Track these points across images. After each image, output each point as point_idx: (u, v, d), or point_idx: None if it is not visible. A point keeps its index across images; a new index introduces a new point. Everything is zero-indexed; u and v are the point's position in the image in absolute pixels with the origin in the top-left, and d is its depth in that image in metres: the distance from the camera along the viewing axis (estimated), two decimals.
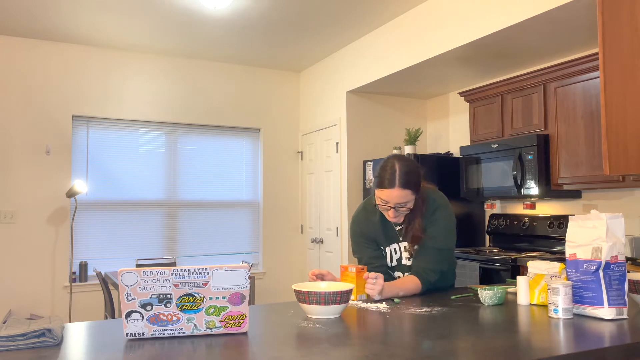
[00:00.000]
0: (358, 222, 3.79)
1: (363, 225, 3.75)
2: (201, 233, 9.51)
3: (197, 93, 9.54)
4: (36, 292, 8.38)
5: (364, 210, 3.79)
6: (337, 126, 8.98)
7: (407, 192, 3.41)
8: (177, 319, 2.36)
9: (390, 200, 3.42)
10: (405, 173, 3.40)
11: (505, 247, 7.43)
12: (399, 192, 3.39)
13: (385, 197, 3.43)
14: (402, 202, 3.43)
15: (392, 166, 3.42)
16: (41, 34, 8.27)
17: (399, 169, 3.40)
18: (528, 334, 2.45)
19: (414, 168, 3.46)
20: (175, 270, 2.33)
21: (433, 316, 2.81)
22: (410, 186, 3.42)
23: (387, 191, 3.41)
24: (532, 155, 6.46)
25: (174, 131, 9.39)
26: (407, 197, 3.43)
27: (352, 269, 3.29)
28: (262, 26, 7.94)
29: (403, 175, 3.40)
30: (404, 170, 3.40)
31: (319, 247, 9.53)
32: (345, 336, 2.41)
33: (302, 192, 10.20)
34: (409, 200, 3.45)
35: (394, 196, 3.40)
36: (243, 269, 2.39)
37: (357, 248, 3.78)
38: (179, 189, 9.37)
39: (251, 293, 7.35)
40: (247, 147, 9.99)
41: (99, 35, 8.30)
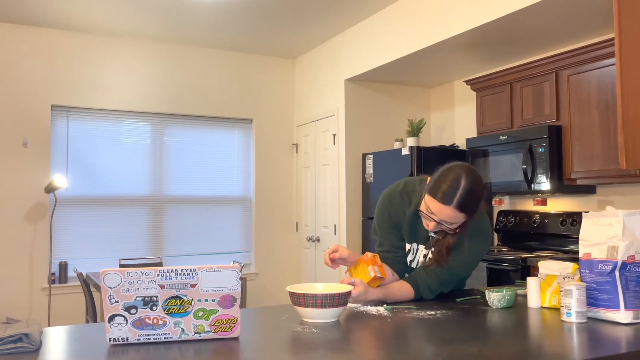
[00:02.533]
0: (391, 204, 3.61)
1: (394, 210, 3.59)
2: (189, 231, 9.51)
3: (185, 81, 9.54)
4: (12, 295, 8.37)
5: (400, 195, 3.60)
6: (335, 117, 8.98)
7: (461, 215, 3.18)
8: (164, 323, 2.35)
9: (439, 215, 3.20)
10: (467, 193, 3.14)
11: (514, 246, 7.44)
12: (452, 212, 3.16)
13: (434, 209, 3.20)
14: (450, 221, 3.22)
15: (457, 179, 3.15)
16: (17, 18, 8.26)
17: (464, 186, 3.13)
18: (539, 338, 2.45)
19: (479, 188, 3.21)
20: (162, 270, 2.33)
21: (437, 320, 2.81)
22: (468, 210, 3.18)
23: (439, 205, 3.16)
24: (544, 148, 6.47)
25: (160, 122, 9.39)
26: (458, 219, 3.21)
27: (369, 254, 3.31)
28: (255, 9, 7.92)
29: (465, 195, 3.14)
30: (468, 189, 3.14)
31: (315, 247, 9.54)
32: (343, 341, 2.41)
33: (297, 188, 10.21)
34: (459, 222, 3.25)
35: (445, 214, 3.17)
36: (234, 270, 2.38)
37: (381, 231, 3.63)
38: (165, 184, 9.37)
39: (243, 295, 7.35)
40: (239, 139, 9.99)
41: (80, 19, 8.28)
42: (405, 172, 7.53)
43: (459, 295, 3.53)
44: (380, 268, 3.28)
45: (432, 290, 3.42)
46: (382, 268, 3.30)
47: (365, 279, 3.23)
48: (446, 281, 3.45)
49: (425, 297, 3.41)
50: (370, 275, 3.22)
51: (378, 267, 3.27)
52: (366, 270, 3.26)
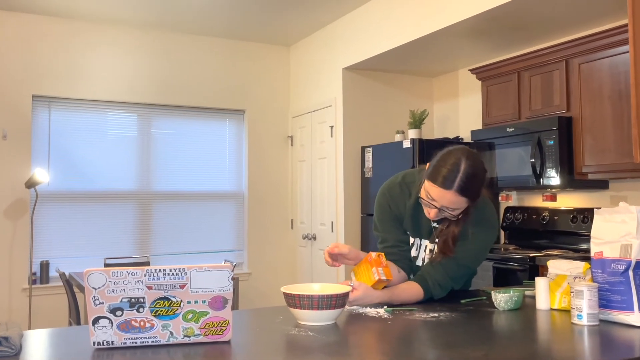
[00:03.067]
0: (391, 197, 3.60)
1: (394, 203, 3.58)
2: (178, 228, 9.51)
3: (174, 70, 9.52)
4: None
5: (400, 187, 3.60)
6: (332, 107, 8.98)
7: (462, 199, 3.17)
8: (151, 325, 2.35)
9: (440, 201, 3.20)
10: (469, 176, 3.13)
11: (522, 245, 7.45)
12: (454, 197, 3.16)
13: (435, 195, 3.20)
14: (452, 207, 3.21)
15: (456, 163, 3.14)
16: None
17: (464, 169, 3.12)
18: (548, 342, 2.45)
19: (480, 171, 3.20)
20: (149, 270, 2.33)
21: (441, 322, 2.82)
22: (469, 194, 3.17)
23: (439, 190, 3.16)
24: (553, 141, 6.47)
25: (147, 113, 9.38)
26: (460, 204, 3.21)
27: (374, 254, 3.28)
28: None
29: (466, 178, 3.13)
30: (469, 173, 3.13)
31: (311, 245, 9.55)
32: (341, 345, 2.41)
33: (293, 182, 10.22)
34: (461, 208, 3.24)
35: (446, 199, 3.17)
36: (225, 269, 2.38)
37: (383, 226, 3.62)
38: (153, 178, 9.37)
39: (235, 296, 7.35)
40: (230, 131, 9.99)
41: (63, 3, 8.26)
42: (406, 165, 7.53)
43: (463, 296, 3.52)
44: (385, 269, 3.24)
45: (443, 286, 3.40)
46: (388, 269, 3.27)
47: (369, 281, 3.21)
48: (456, 276, 3.44)
49: (435, 296, 3.39)
50: (374, 278, 3.19)
51: (383, 269, 3.23)
52: (369, 272, 3.24)
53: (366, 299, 3.15)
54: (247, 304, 9.71)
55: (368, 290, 3.16)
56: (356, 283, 3.13)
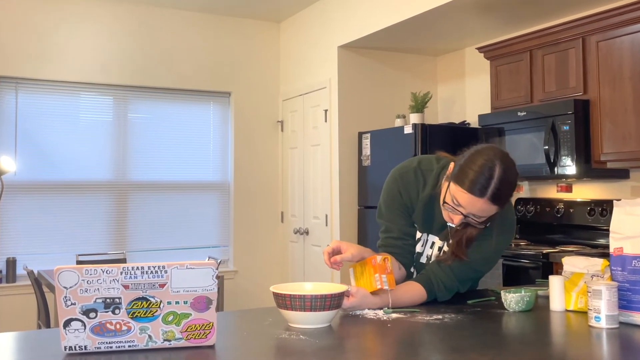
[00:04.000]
0: (403, 183, 3.55)
1: (406, 190, 3.53)
2: (157, 222, 9.51)
3: (153, 49, 9.50)
4: None
5: (415, 174, 3.54)
6: (327, 89, 8.97)
7: (493, 207, 3.13)
8: (128, 328, 2.35)
9: (468, 208, 3.15)
10: (503, 183, 3.08)
11: (534, 240, 7.46)
12: (485, 205, 3.11)
13: (463, 201, 3.13)
14: (480, 215, 3.17)
15: (491, 168, 3.08)
16: None
17: (499, 175, 3.06)
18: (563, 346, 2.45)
19: (513, 177, 3.15)
20: (126, 268, 2.33)
21: (445, 325, 2.82)
22: (501, 202, 3.13)
23: (469, 197, 3.10)
24: (569, 126, 6.48)
25: (124, 96, 9.37)
26: (489, 212, 3.18)
27: (379, 257, 3.19)
28: None
29: (500, 185, 3.07)
30: (503, 179, 3.08)
31: (303, 240, 9.56)
32: (336, 350, 2.41)
33: (283, 172, 10.22)
34: (488, 216, 3.21)
35: (476, 208, 3.12)
36: (209, 267, 2.38)
37: (389, 214, 3.58)
38: (130, 167, 9.35)
39: (219, 296, 7.35)
40: (215, 116, 9.99)
41: None
42: (408, 153, 7.53)
43: (470, 296, 3.51)
44: (389, 277, 3.18)
45: (448, 288, 3.39)
46: (392, 276, 3.20)
47: (369, 287, 3.17)
48: (464, 279, 3.43)
49: (439, 298, 3.38)
50: (375, 286, 3.14)
51: (387, 276, 3.16)
52: (371, 278, 3.18)
53: (363, 306, 3.11)
54: (233, 305, 9.71)
55: (366, 298, 3.11)
56: (353, 289, 3.08)
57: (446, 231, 3.46)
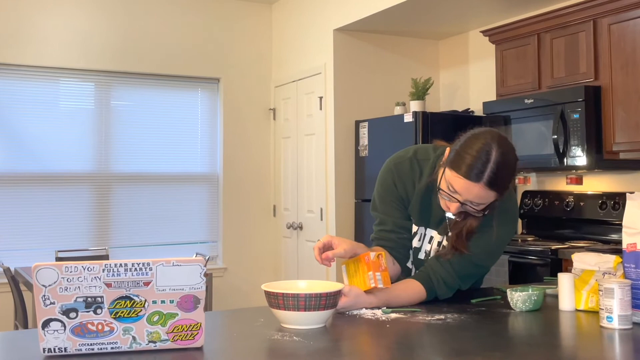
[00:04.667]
0: (398, 173, 3.55)
1: (401, 181, 3.53)
2: (142, 216, 9.50)
3: (137, 32, 9.48)
4: None
5: (410, 164, 3.54)
6: (322, 75, 8.97)
7: (491, 193, 3.13)
8: (111, 329, 2.35)
9: (464, 195, 3.14)
10: (500, 166, 3.08)
11: (542, 235, 7.47)
12: (482, 191, 3.10)
13: (459, 187, 3.14)
14: (478, 202, 3.17)
15: (487, 152, 3.08)
16: None
17: (495, 158, 3.07)
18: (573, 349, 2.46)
19: (512, 160, 3.18)
20: (108, 265, 2.32)
21: (447, 326, 2.83)
22: (499, 187, 3.13)
23: (465, 182, 3.10)
24: (579, 114, 6.48)
25: (106, 82, 9.34)
26: (487, 199, 3.16)
27: (372, 254, 3.17)
28: None
29: (497, 169, 3.07)
30: (500, 162, 3.08)
31: (297, 235, 9.56)
32: (331, 352, 2.41)
33: (275, 163, 10.22)
34: (487, 203, 3.20)
35: (473, 193, 3.12)
36: (197, 264, 2.38)
37: (383, 207, 3.58)
38: (112, 158, 9.33)
39: (208, 295, 7.36)
40: (203, 103, 9.98)
41: None
42: (407, 143, 7.52)
43: (474, 295, 3.51)
44: (384, 274, 3.17)
45: (449, 285, 3.38)
46: (387, 274, 3.19)
47: (362, 286, 3.16)
48: (466, 274, 3.43)
49: (440, 296, 3.38)
50: (369, 284, 3.13)
51: (381, 274, 3.15)
52: (364, 276, 3.17)
53: (357, 306, 3.11)
54: (222, 305, 9.72)
55: (360, 297, 3.11)
56: (346, 288, 3.06)
57: (445, 224, 3.46)
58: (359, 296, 3.10)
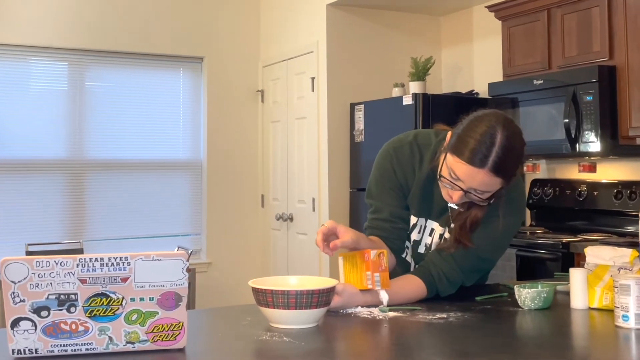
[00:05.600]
0: (397, 159, 3.52)
1: (400, 167, 3.51)
2: (119, 207, 9.48)
3: (114, 7, 9.44)
4: None
5: (410, 149, 3.52)
6: (314, 54, 8.97)
7: (497, 180, 3.10)
8: (85, 329, 2.34)
9: (468, 182, 3.12)
10: (505, 150, 3.05)
11: (553, 227, 7.47)
12: (487, 177, 3.08)
13: (462, 174, 3.11)
14: (482, 189, 3.15)
15: (492, 135, 3.06)
16: None
17: (501, 142, 3.04)
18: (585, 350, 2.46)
19: (518, 144, 3.16)
20: (83, 260, 2.32)
21: (450, 325, 2.83)
22: (505, 173, 3.11)
23: (468, 168, 3.08)
24: (592, 96, 6.48)
25: (80, 61, 9.32)
26: (492, 186, 3.14)
27: (373, 252, 3.10)
28: None
29: (502, 153, 3.05)
30: (506, 146, 3.06)
31: (287, 227, 9.57)
32: (324, 354, 2.41)
33: (264, 149, 10.22)
34: (492, 191, 3.18)
35: (477, 180, 3.09)
36: (179, 258, 2.38)
37: (379, 194, 3.55)
38: (87, 143, 9.32)
39: (190, 292, 7.36)
40: (185, 85, 9.98)
41: None
42: (407, 127, 7.52)
43: (478, 292, 3.50)
44: (383, 275, 3.12)
45: (452, 281, 3.37)
46: (387, 274, 3.15)
47: (358, 284, 3.14)
48: (470, 269, 3.42)
49: (442, 293, 3.37)
50: (366, 285, 3.10)
51: (381, 274, 3.11)
52: (362, 274, 3.14)
53: (350, 305, 3.10)
54: (206, 302, 9.71)
55: (354, 297, 3.09)
56: (339, 287, 3.04)
57: (447, 216, 3.46)
58: (352, 295, 3.08)
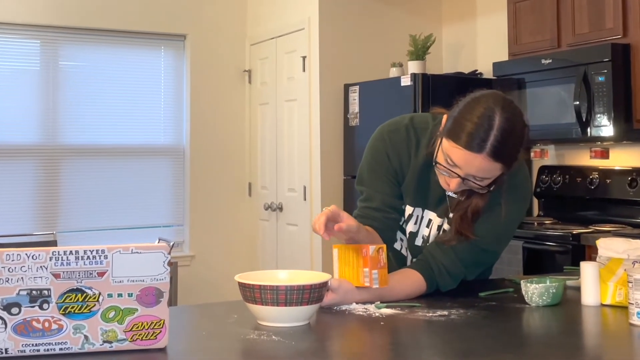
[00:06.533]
0: (392, 143, 3.51)
1: (395, 152, 3.49)
2: (96, 196, 9.46)
3: None
4: None
5: (407, 132, 3.51)
6: (305, 31, 8.96)
7: (496, 165, 3.10)
8: (59, 327, 2.34)
9: (465, 168, 3.11)
10: (505, 133, 3.04)
11: (562, 217, 7.47)
12: (485, 163, 3.07)
13: (458, 160, 3.10)
14: (481, 176, 3.14)
15: (490, 117, 3.05)
16: None
17: (499, 124, 3.04)
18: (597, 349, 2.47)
19: (519, 126, 3.14)
20: (56, 252, 2.32)
21: (452, 323, 2.83)
22: (505, 158, 3.10)
23: (465, 154, 3.07)
24: (604, 77, 6.48)
25: (53, 39, 9.30)
26: (492, 172, 3.14)
27: (372, 247, 3.07)
28: None
29: (501, 137, 3.04)
30: (505, 128, 3.05)
31: (276, 217, 9.57)
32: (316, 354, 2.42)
33: (251, 133, 10.22)
34: (492, 177, 3.18)
35: (474, 166, 3.09)
36: (160, 251, 2.38)
37: (371, 180, 3.53)
38: (61, 127, 9.29)
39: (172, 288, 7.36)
40: (167, 64, 9.96)
41: None
42: (405, 110, 7.51)
43: (482, 287, 3.50)
44: (382, 272, 3.10)
45: (453, 275, 3.37)
46: (386, 271, 3.13)
47: (354, 281, 3.12)
48: (472, 262, 3.42)
49: (442, 288, 3.37)
50: (363, 282, 3.08)
51: (379, 271, 3.08)
52: (359, 270, 3.11)
53: (345, 302, 3.10)
54: (189, 298, 9.70)
55: (348, 294, 3.09)
56: (334, 283, 3.05)
57: (445, 205, 3.46)
58: (348, 292, 3.08)
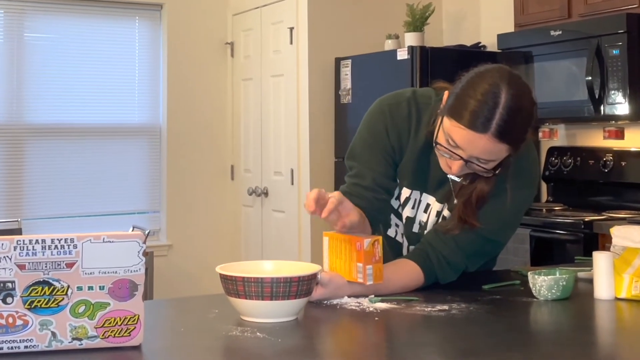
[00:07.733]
0: (392, 118, 3.48)
1: (395, 128, 3.46)
2: (64, 180, 9.44)
3: None
4: None
5: (408, 107, 3.48)
6: (293, 0, 8.98)
7: (502, 147, 3.08)
8: (24, 323, 2.34)
9: (468, 150, 3.09)
10: (511, 112, 3.01)
11: (573, 203, 7.48)
12: (490, 143, 3.05)
13: (461, 140, 3.09)
14: (486, 158, 3.12)
15: (495, 94, 3.02)
16: None
17: (505, 102, 3.01)
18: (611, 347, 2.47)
19: (527, 104, 3.12)
20: (21, 241, 2.31)
21: (453, 319, 2.84)
22: (511, 139, 3.08)
23: (468, 134, 3.05)
24: (619, 49, 6.48)
25: (18, 9, 9.27)
26: (497, 154, 3.12)
27: (367, 240, 3.04)
28: None
29: (507, 115, 3.01)
30: (512, 106, 3.02)
31: (260, 203, 9.56)
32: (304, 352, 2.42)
33: (234, 112, 10.21)
34: (498, 159, 3.15)
35: (479, 147, 3.07)
36: (134, 240, 2.37)
37: (365, 154, 3.49)
38: (26, 105, 9.27)
39: (148, 280, 7.36)
40: (142, 36, 9.94)
41: None
42: (402, 85, 7.48)
43: (486, 279, 3.50)
44: (377, 267, 3.06)
45: (453, 266, 3.37)
46: (381, 265, 3.10)
47: (347, 275, 3.11)
48: (474, 252, 3.41)
49: (442, 280, 3.37)
50: (356, 278, 3.06)
51: (374, 266, 3.05)
52: (352, 264, 3.10)
53: (336, 297, 3.09)
54: (166, 292, 9.70)
55: (340, 289, 3.08)
56: (325, 277, 3.04)
57: (446, 189, 3.44)
58: (339, 288, 3.08)
